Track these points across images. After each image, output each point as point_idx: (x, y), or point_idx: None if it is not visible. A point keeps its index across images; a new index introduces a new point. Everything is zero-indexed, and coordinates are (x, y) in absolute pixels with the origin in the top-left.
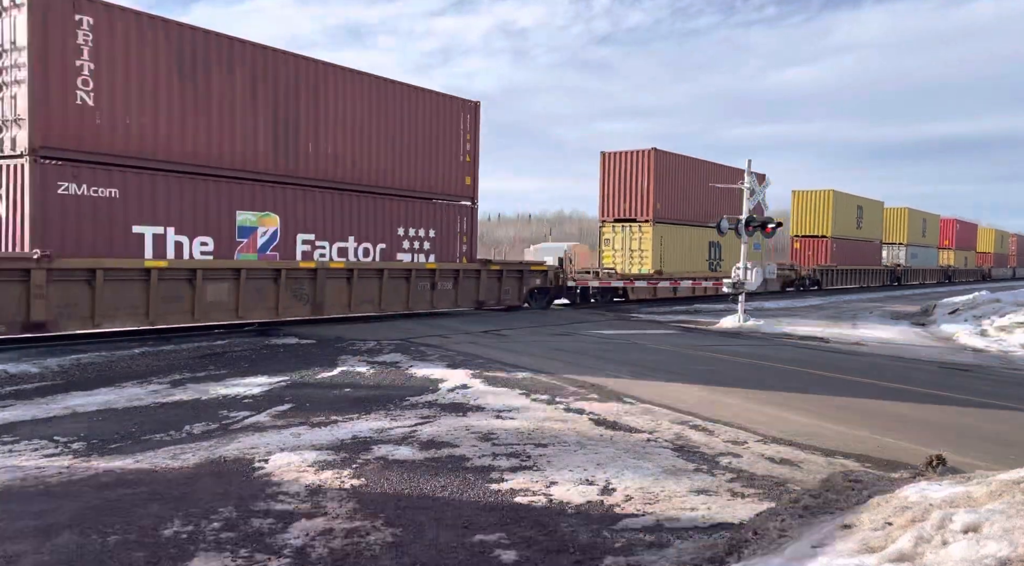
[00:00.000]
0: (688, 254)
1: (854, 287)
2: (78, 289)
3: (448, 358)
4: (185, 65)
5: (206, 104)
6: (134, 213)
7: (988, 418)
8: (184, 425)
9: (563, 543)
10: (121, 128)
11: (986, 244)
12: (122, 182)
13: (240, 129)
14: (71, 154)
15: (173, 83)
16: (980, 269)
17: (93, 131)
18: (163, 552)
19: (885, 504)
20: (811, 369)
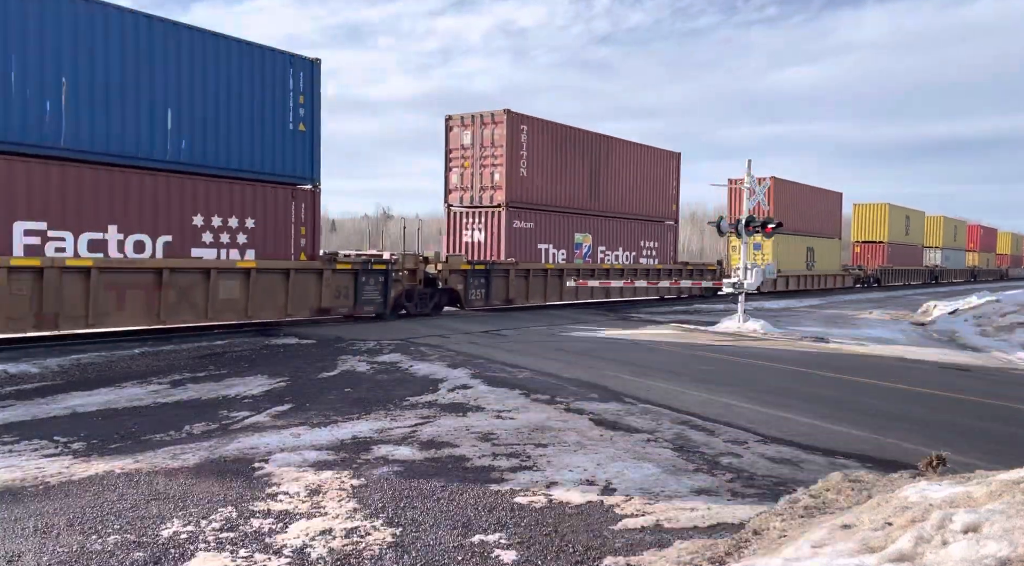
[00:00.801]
0: (795, 257)
1: (899, 284)
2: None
3: (448, 358)
4: (557, 148)
5: (562, 170)
6: (542, 236)
7: (988, 418)
8: (184, 425)
9: (563, 543)
10: (536, 187)
11: (1004, 246)
12: (535, 218)
13: (575, 182)
14: (517, 204)
15: (553, 159)
16: (999, 269)
17: (526, 190)
18: (163, 552)
19: (885, 504)
20: (811, 369)
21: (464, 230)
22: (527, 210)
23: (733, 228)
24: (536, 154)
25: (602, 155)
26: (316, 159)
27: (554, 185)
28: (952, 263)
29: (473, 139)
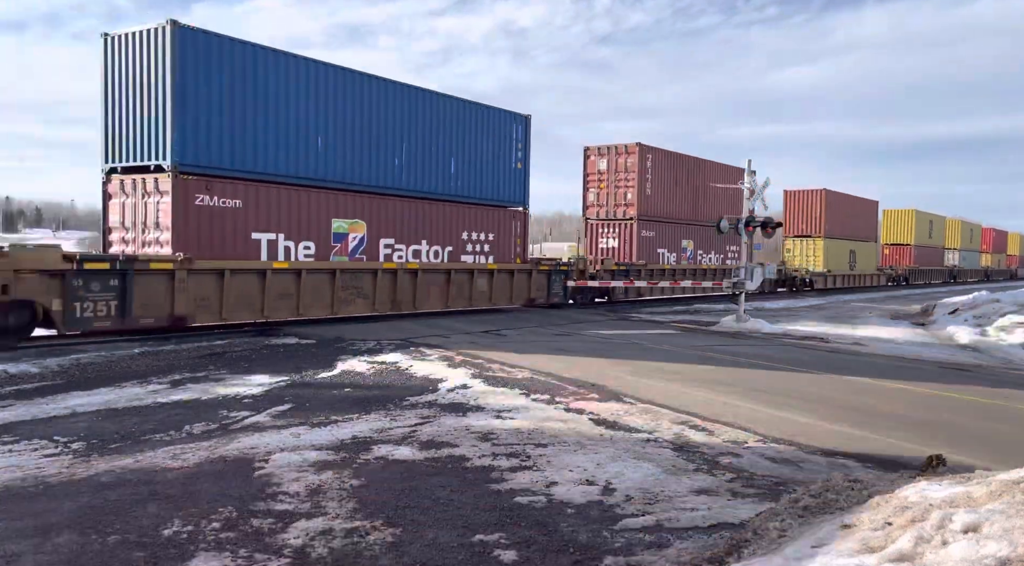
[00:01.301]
0: (840, 258)
1: (921, 283)
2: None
3: (448, 358)
4: (671, 170)
5: (676, 189)
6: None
7: (988, 418)
8: (184, 425)
9: (563, 543)
10: (656, 204)
11: (1014, 248)
12: (657, 227)
13: (682, 198)
14: (646, 218)
15: (671, 180)
16: (1010, 269)
17: (650, 206)
18: (163, 552)
19: (885, 504)
20: (810, 369)
21: (600, 238)
22: (651, 222)
23: (733, 228)
24: (657, 176)
25: (699, 174)
26: (527, 188)
27: (669, 201)
28: (968, 263)
29: (608, 165)
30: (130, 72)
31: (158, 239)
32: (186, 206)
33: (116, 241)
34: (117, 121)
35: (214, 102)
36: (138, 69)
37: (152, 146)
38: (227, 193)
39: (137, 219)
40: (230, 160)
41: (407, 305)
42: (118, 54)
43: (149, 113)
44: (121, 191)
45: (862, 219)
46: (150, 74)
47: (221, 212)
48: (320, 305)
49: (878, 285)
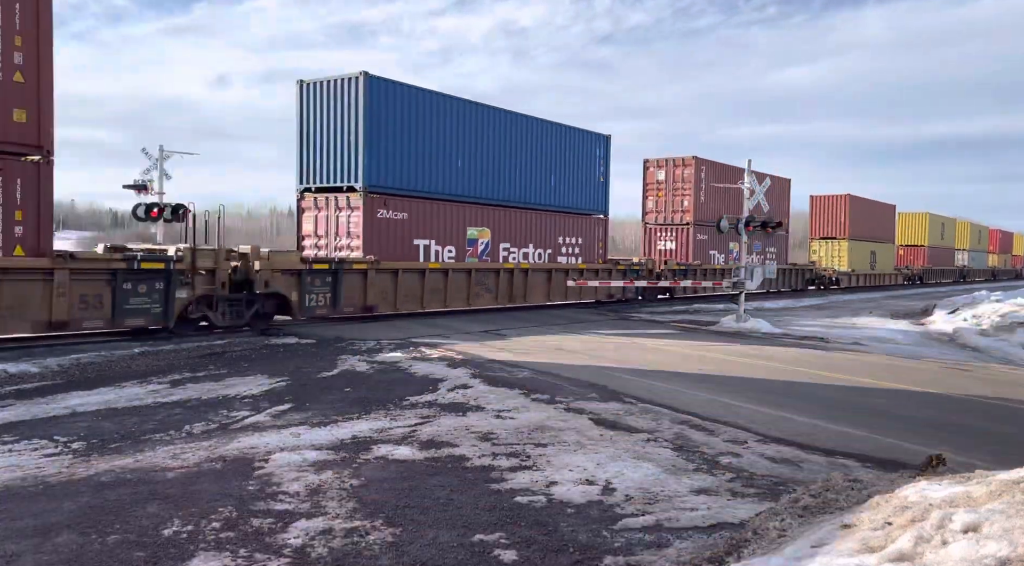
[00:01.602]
0: (863, 259)
1: (933, 282)
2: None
3: (448, 358)
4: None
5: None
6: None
7: (988, 417)
8: (184, 425)
9: (563, 543)
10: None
11: (1019, 248)
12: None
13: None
14: (700, 223)
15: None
16: (1015, 269)
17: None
18: (163, 552)
19: (885, 504)
20: (810, 368)
21: (657, 241)
22: (704, 226)
23: (733, 228)
24: (707, 185)
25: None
26: (607, 198)
27: (719, 207)
28: (976, 263)
29: (666, 176)
30: (326, 111)
31: (349, 245)
32: (372, 219)
33: (309, 246)
34: (312, 150)
35: (390, 134)
36: (334, 109)
37: (346, 171)
38: (397, 207)
39: (329, 229)
40: (399, 181)
41: (519, 298)
42: (314, 97)
43: (343, 144)
44: (314, 206)
45: (881, 222)
46: (344, 113)
47: (394, 223)
48: (459, 298)
49: (896, 284)
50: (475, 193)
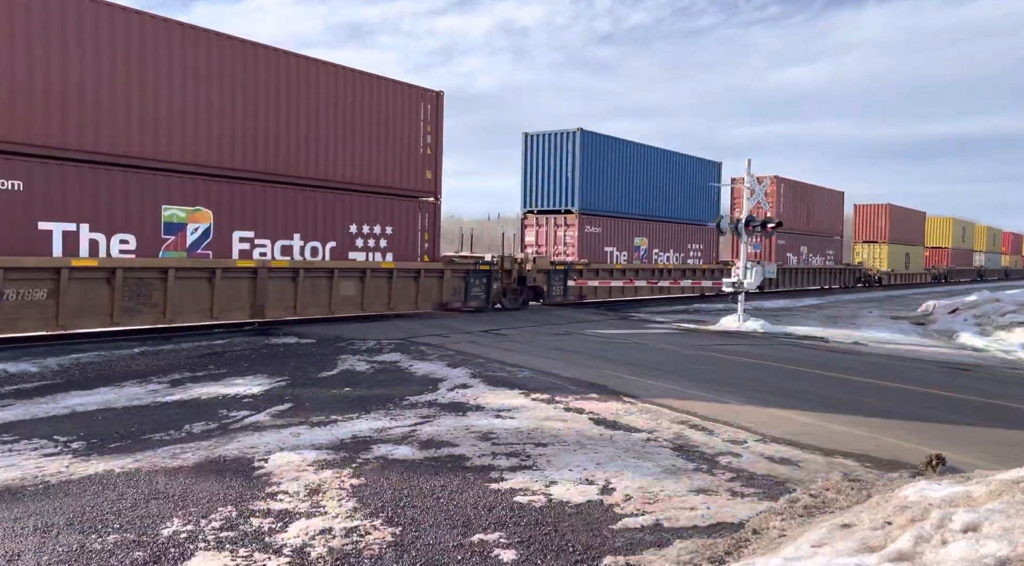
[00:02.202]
0: (899, 260)
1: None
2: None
3: (448, 357)
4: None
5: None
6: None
7: (988, 417)
8: (184, 424)
9: (563, 543)
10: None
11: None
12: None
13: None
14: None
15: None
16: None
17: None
18: (163, 552)
19: (885, 504)
20: (810, 369)
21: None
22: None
23: (733, 227)
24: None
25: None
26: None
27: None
28: (991, 264)
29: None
30: (547, 155)
31: (564, 252)
32: (582, 233)
33: (531, 253)
34: (534, 183)
35: (593, 170)
36: (554, 154)
37: (563, 198)
38: (596, 224)
39: (548, 240)
40: (598, 204)
41: (665, 291)
42: (537, 144)
43: (561, 179)
44: (535, 224)
45: (913, 227)
46: (563, 157)
47: (594, 235)
48: (630, 290)
49: (925, 282)
50: (639, 211)
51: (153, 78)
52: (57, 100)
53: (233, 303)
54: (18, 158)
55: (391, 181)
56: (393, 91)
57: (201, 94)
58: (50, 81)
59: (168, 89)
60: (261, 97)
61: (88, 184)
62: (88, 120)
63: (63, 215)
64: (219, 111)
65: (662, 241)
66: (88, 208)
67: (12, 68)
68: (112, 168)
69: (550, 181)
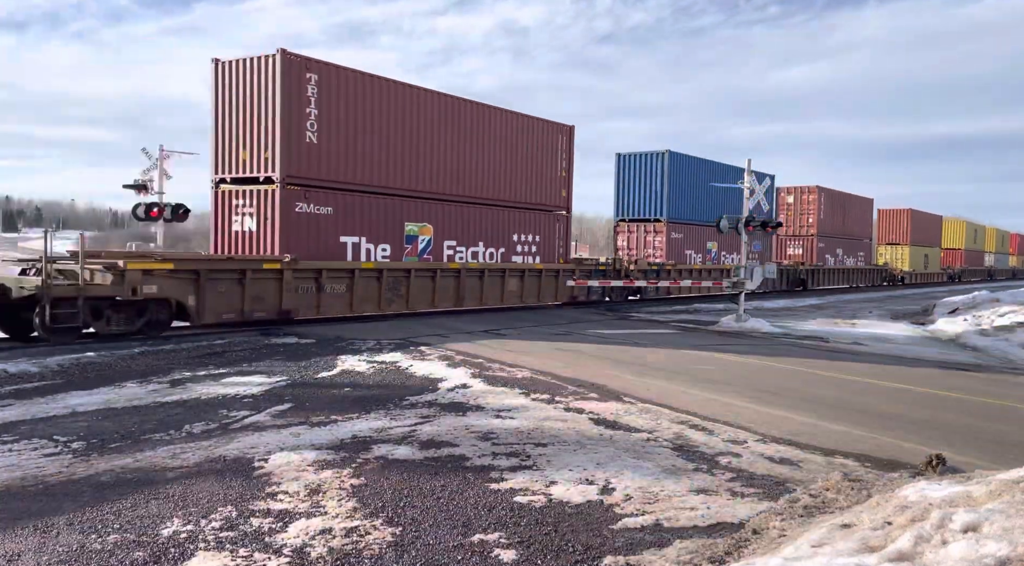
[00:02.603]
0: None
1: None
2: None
3: (448, 358)
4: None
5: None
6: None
7: (988, 417)
8: (184, 424)
9: (563, 543)
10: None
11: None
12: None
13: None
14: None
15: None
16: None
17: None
18: (163, 552)
19: (885, 504)
20: (810, 368)
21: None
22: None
23: (733, 227)
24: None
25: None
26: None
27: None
28: (1000, 264)
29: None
30: (636, 172)
31: (651, 254)
32: (670, 238)
33: (623, 255)
34: (625, 196)
35: (676, 183)
36: (643, 171)
37: (652, 207)
38: (679, 231)
39: (637, 243)
40: (681, 213)
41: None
42: (628, 164)
43: (650, 192)
44: (626, 230)
45: (931, 229)
46: (652, 174)
47: (677, 240)
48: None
49: (942, 281)
50: (699, 218)
51: (398, 129)
52: (350, 154)
53: (444, 295)
54: (330, 192)
55: (538, 199)
56: (539, 127)
57: (423, 138)
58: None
59: (401, 136)
60: (457, 137)
61: (364, 208)
62: (363, 164)
63: (352, 231)
64: (434, 151)
65: (729, 245)
66: (365, 225)
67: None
68: (377, 196)
69: (640, 193)
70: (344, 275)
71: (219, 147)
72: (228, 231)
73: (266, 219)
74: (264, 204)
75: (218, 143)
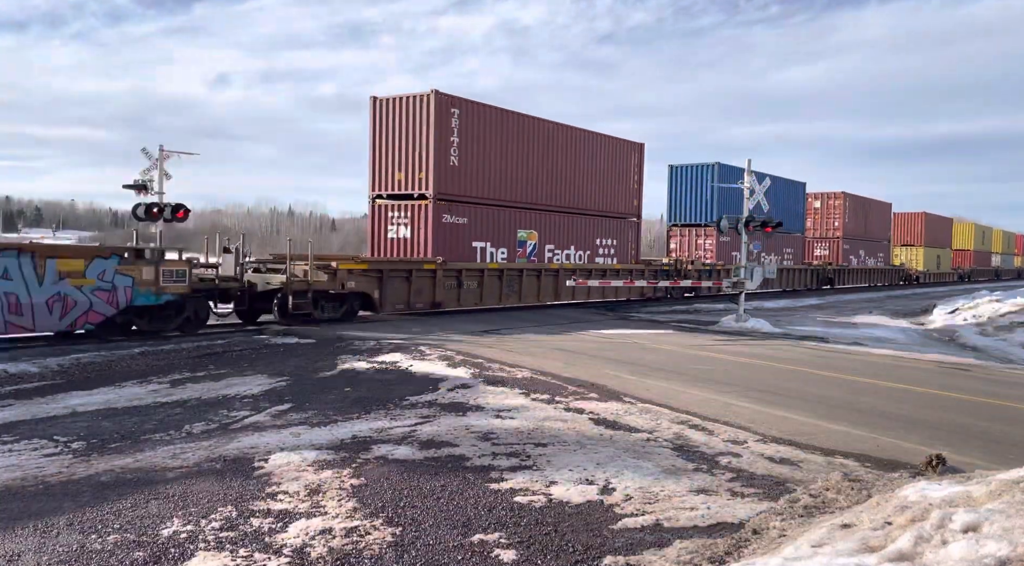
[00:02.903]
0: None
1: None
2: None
3: (448, 358)
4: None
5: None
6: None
7: (988, 417)
8: (184, 425)
9: (563, 542)
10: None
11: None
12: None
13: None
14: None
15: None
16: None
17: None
18: (163, 552)
19: (885, 504)
20: (810, 368)
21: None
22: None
23: (733, 227)
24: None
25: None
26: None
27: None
28: (1006, 264)
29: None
30: (688, 181)
31: (702, 256)
32: (718, 241)
33: (677, 257)
34: (677, 202)
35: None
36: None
37: (702, 214)
38: (728, 234)
39: (689, 247)
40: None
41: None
42: (679, 173)
43: (700, 199)
44: (678, 234)
45: (942, 231)
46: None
47: (726, 243)
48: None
49: (953, 281)
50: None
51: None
52: (479, 173)
53: (546, 291)
54: (465, 205)
55: (615, 207)
56: (617, 145)
57: (529, 156)
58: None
59: (514, 155)
60: (553, 155)
61: (489, 218)
62: (488, 181)
63: (481, 237)
64: (538, 167)
65: (768, 247)
66: (489, 232)
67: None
68: (497, 208)
69: (690, 201)
70: (476, 274)
71: (375, 169)
72: (384, 238)
73: (418, 228)
74: (417, 216)
75: (375, 166)
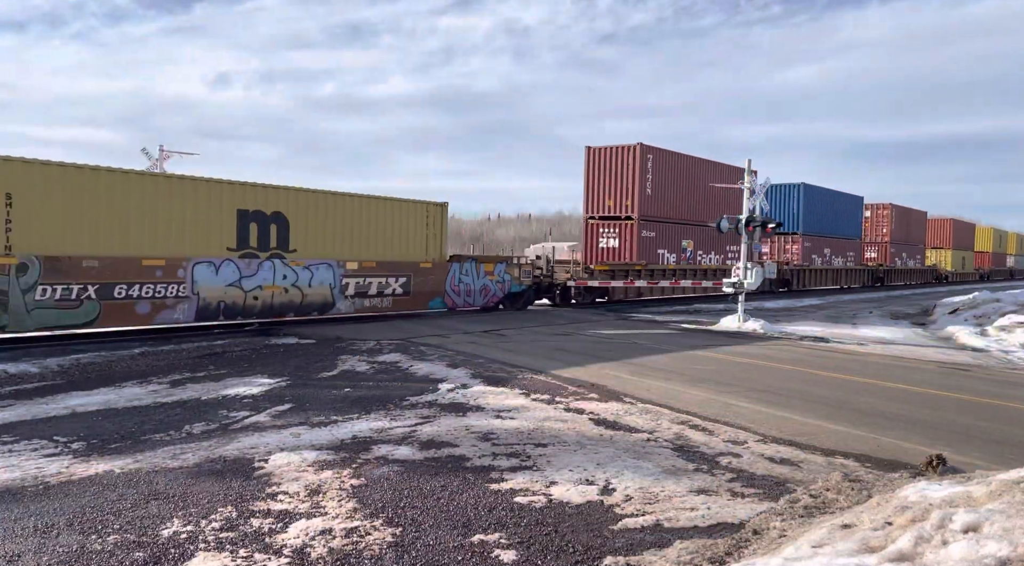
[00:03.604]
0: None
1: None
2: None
3: (448, 358)
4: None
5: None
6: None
7: (988, 417)
8: (184, 425)
9: (563, 543)
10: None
11: None
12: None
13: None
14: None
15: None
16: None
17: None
18: (163, 552)
19: (885, 504)
20: (810, 369)
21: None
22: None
23: (733, 227)
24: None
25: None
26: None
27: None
28: (1020, 265)
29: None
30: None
31: (789, 260)
32: (803, 246)
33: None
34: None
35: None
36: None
37: (789, 221)
38: (810, 240)
39: (778, 252)
40: (815, 227)
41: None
42: (770, 192)
43: (787, 210)
44: (768, 241)
45: (967, 235)
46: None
47: (808, 247)
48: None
49: (975, 281)
50: (828, 231)
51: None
52: (662, 198)
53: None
54: (653, 222)
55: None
56: (726, 168)
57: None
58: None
59: (677, 183)
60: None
61: (666, 231)
62: (666, 203)
63: (662, 246)
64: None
65: (835, 250)
66: (666, 242)
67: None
68: (671, 224)
69: (782, 210)
70: (660, 272)
71: (589, 197)
72: (596, 247)
73: (624, 240)
74: (624, 231)
75: (588, 195)
